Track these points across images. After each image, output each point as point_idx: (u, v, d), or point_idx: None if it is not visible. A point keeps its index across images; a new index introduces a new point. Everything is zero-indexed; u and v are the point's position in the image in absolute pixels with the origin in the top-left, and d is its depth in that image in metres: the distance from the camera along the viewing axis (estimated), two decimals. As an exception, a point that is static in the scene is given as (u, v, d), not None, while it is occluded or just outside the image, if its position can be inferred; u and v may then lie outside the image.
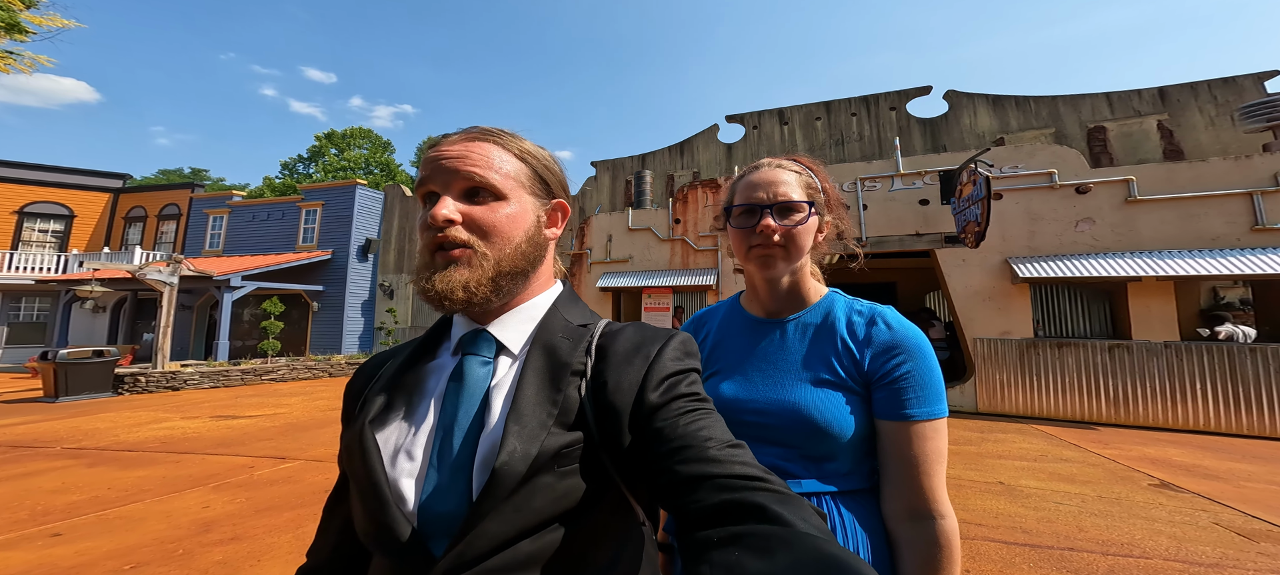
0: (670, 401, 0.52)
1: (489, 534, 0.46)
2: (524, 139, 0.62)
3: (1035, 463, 4.53)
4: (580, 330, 0.60)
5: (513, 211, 0.58)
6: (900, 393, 0.73)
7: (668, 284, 9.26)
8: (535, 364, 0.55)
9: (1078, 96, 11.19)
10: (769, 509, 0.39)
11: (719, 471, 0.44)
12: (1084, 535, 2.95)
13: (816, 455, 0.75)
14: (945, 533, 0.69)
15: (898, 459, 0.72)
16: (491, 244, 0.56)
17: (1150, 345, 6.16)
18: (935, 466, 0.71)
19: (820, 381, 0.77)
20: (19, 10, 5.63)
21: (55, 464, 4.43)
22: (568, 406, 0.52)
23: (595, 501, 0.51)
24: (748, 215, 0.83)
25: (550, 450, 0.49)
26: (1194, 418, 5.88)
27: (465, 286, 0.54)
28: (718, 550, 0.37)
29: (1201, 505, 3.43)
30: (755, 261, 0.83)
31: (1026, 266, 6.84)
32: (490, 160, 0.57)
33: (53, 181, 18.68)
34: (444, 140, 0.59)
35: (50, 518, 3.18)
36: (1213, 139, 10.06)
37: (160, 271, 10.16)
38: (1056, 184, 7.06)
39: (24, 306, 16.86)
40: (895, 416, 0.73)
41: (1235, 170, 6.32)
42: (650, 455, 0.49)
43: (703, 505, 0.42)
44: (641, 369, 0.54)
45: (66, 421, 6.46)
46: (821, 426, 0.73)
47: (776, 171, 0.83)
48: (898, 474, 0.72)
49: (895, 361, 0.75)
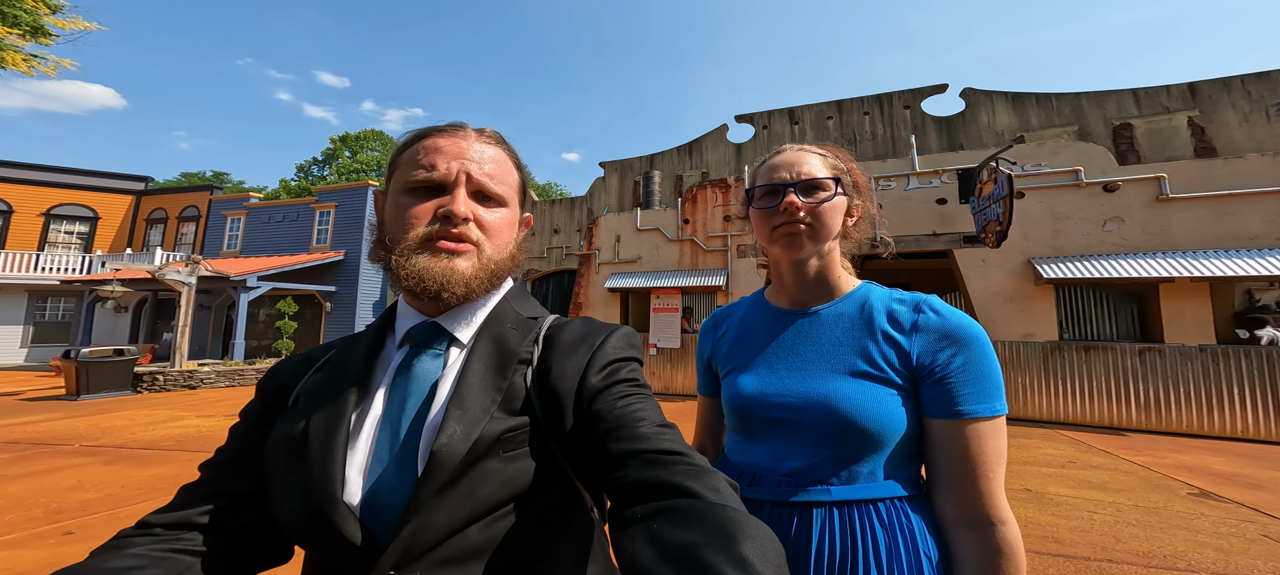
0: (610, 386, 0.54)
1: (437, 523, 0.46)
2: (515, 153, 0.65)
3: (1063, 469, 4.35)
4: (530, 321, 0.61)
5: (509, 218, 0.61)
6: (955, 388, 0.66)
7: (676, 285, 9.16)
8: (481, 352, 0.56)
9: (1102, 93, 10.87)
10: (683, 484, 0.42)
11: (645, 447, 0.46)
12: (1122, 546, 2.79)
13: (852, 457, 0.67)
14: (1008, 540, 0.62)
15: (953, 461, 0.65)
16: (493, 244, 0.59)
17: (1184, 349, 5.91)
18: (995, 468, 0.64)
19: (858, 374, 0.70)
20: (44, 14, 5.74)
21: (72, 462, 4.48)
22: (513, 393, 0.53)
23: (543, 487, 0.52)
24: (771, 195, 0.78)
25: (493, 434, 0.49)
26: (1231, 425, 5.62)
27: (466, 282, 0.55)
28: (639, 525, 0.40)
29: (1247, 516, 3.24)
30: (780, 243, 0.77)
31: (1051, 267, 6.62)
32: (501, 168, 0.60)
33: (78, 184, 19.18)
34: (452, 131, 0.59)
35: (63, 515, 3.19)
36: (1247, 136, 9.68)
37: (179, 272, 10.32)
38: (1082, 182, 6.84)
39: (49, 306, 17.29)
40: (949, 414, 0.65)
41: (1273, 167, 6.06)
42: (588, 436, 0.51)
43: (628, 481, 0.44)
44: (585, 356, 0.56)
45: (86, 419, 6.56)
46: (858, 423, 0.66)
47: (800, 153, 0.78)
48: (952, 477, 0.65)
49: (949, 353, 0.67)
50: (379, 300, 17.51)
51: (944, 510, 0.66)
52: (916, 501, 0.68)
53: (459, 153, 0.57)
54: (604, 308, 10.15)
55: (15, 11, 4.98)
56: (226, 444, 0.57)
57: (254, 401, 0.60)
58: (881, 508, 0.66)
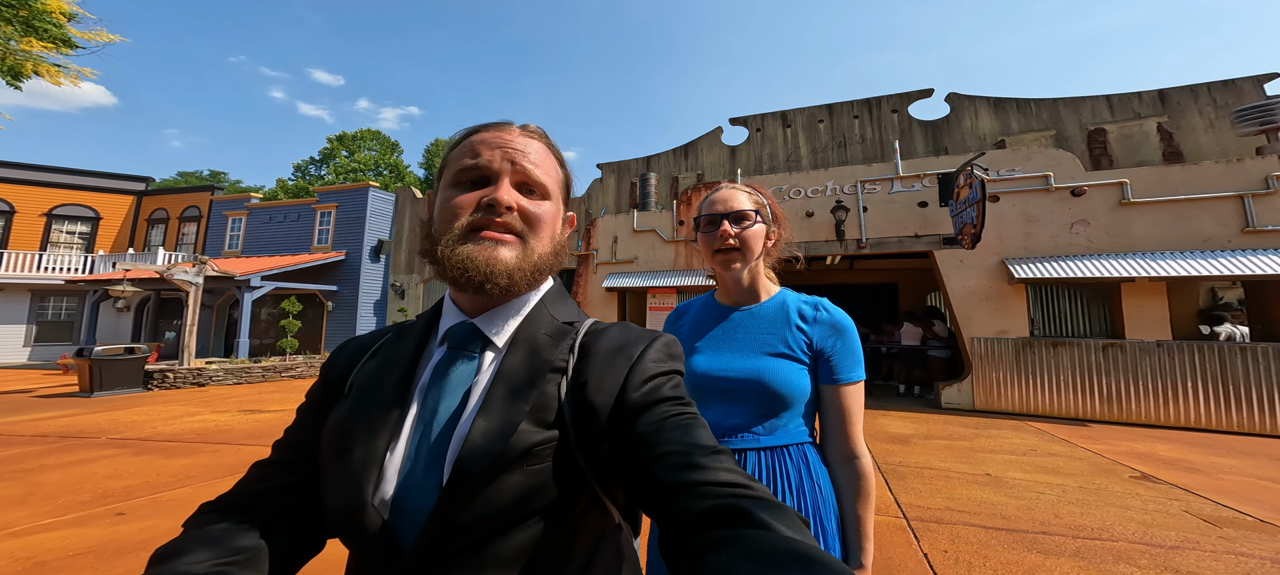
0: (653, 404, 0.52)
1: (460, 530, 0.46)
2: (558, 149, 0.66)
3: (1023, 456, 4.73)
4: (565, 327, 0.60)
5: (553, 212, 0.61)
6: (836, 363, 0.98)
7: (672, 284, 9.51)
8: (515, 359, 0.55)
9: (1078, 99, 11.28)
10: (755, 515, 0.39)
11: (705, 479, 0.44)
12: (1059, 521, 3.17)
13: (773, 414, 0.97)
14: (865, 469, 0.95)
15: (834, 413, 0.97)
16: (538, 238, 0.58)
17: (1142, 344, 6.32)
18: (856, 418, 0.97)
19: (778, 354, 0.99)
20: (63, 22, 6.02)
21: (104, 452, 4.79)
22: (545, 403, 0.52)
23: (568, 501, 0.51)
24: (712, 225, 1.05)
25: (520, 447, 0.49)
26: (1184, 415, 6.04)
27: (510, 272, 0.55)
28: (708, 555, 0.38)
29: (1175, 495, 3.63)
30: (718, 262, 1.05)
31: (1022, 267, 7.01)
32: (545, 161, 0.60)
33: (80, 184, 19.32)
34: (499, 126, 0.60)
35: (111, 499, 3.51)
36: (1213, 141, 10.12)
37: (187, 272, 10.59)
38: (1052, 187, 7.22)
39: (51, 305, 17.47)
40: (832, 381, 0.98)
41: (1227, 173, 6.46)
42: (634, 460, 0.49)
43: (690, 512, 0.42)
44: (624, 369, 0.54)
45: (106, 414, 6.85)
46: (778, 390, 0.95)
47: (733, 192, 1.06)
48: (834, 425, 0.97)
49: (834, 339, 0.99)
50: (380, 300, 17.79)
51: (829, 450, 0.98)
52: (813, 446, 0.99)
53: (503, 143, 0.58)
54: (602, 307, 10.49)
55: (45, 26, 5.29)
56: (293, 424, 0.60)
57: (318, 384, 0.62)
58: (793, 451, 0.96)
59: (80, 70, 6.12)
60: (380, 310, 17.73)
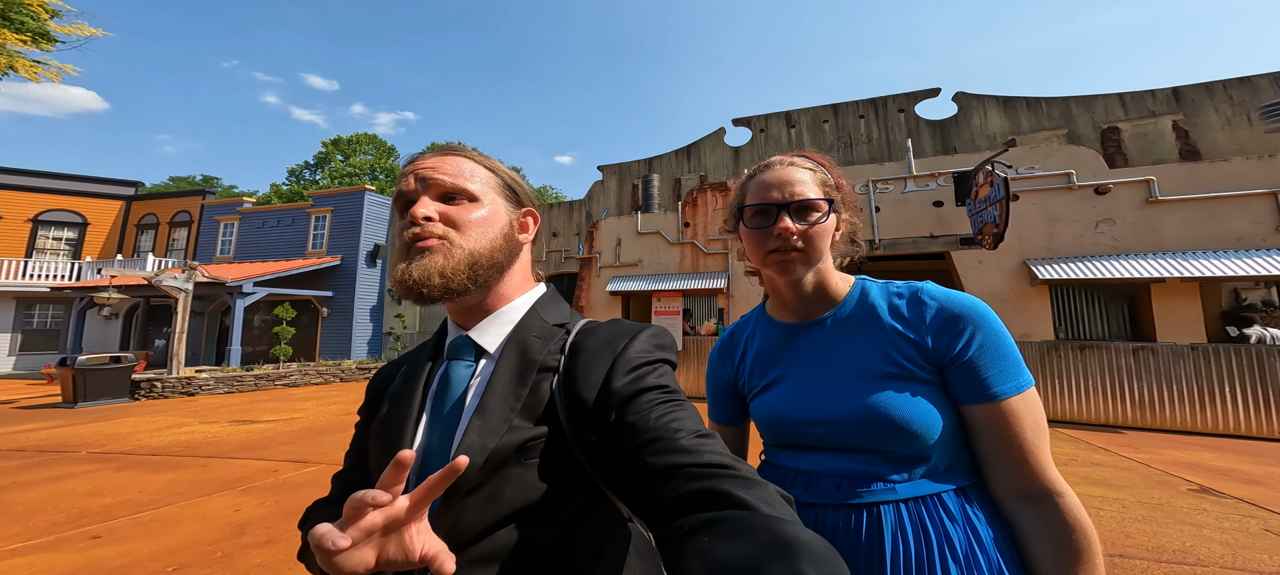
0: (639, 393, 0.53)
1: (467, 524, 0.50)
2: (490, 158, 0.68)
3: (1065, 467, 4.47)
4: (555, 329, 0.63)
5: (485, 213, 0.63)
6: (978, 372, 0.66)
7: (677, 287, 9.25)
8: (506, 362, 0.58)
9: (1090, 97, 11.15)
10: (734, 495, 0.40)
11: (689, 461, 0.44)
12: (1131, 542, 2.90)
13: (905, 455, 0.68)
14: (1071, 510, 0.62)
15: (996, 442, 0.65)
16: (466, 237, 0.60)
17: (1176, 347, 6.08)
18: (1038, 442, 0.64)
19: (884, 376, 0.70)
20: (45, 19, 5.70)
21: (84, 467, 4.44)
22: (536, 401, 0.55)
23: (566, 494, 0.53)
24: (762, 216, 0.76)
25: (512, 443, 0.52)
26: (1223, 422, 5.80)
27: (441, 272, 0.57)
28: (690, 538, 0.38)
29: (1248, 512, 3.37)
30: (774, 266, 0.76)
31: (1046, 268, 6.79)
32: (462, 169, 0.63)
33: (66, 189, 18.88)
34: (418, 155, 0.65)
35: (87, 520, 3.18)
36: (1229, 139, 9.99)
37: (176, 278, 10.22)
38: (1074, 185, 7.02)
39: (37, 313, 16.99)
40: (981, 399, 0.65)
41: (1258, 170, 6.27)
42: (623, 449, 0.50)
43: (675, 495, 0.43)
44: (608, 361, 0.56)
45: (88, 426, 6.48)
46: (901, 425, 0.66)
47: (791, 170, 0.76)
48: (999, 457, 0.65)
49: (962, 338, 0.68)
50: (376, 305, 17.41)
51: (998, 489, 0.66)
52: (977, 487, 0.68)
53: (416, 167, 0.62)
54: (605, 311, 10.20)
55: (22, 18, 4.96)
56: (354, 437, 0.69)
57: (366, 401, 0.70)
58: (947, 499, 0.66)
59: (61, 66, 5.79)
60: (376, 316, 17.35)
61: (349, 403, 8.65)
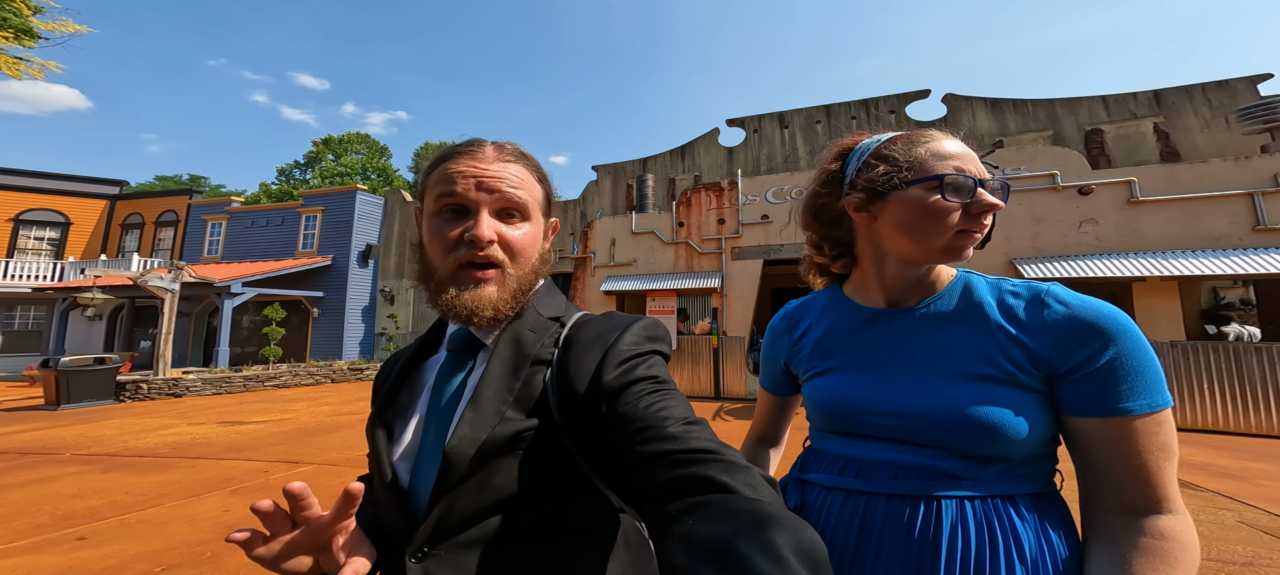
0: (629, 385, 0.53)
1: (459, 510, 0.51)
2: (537, 161, 0.66)
3: (1050, 460, 4.56)
4: (550, 322, 0.63)
5: (533, 232, 0.63)
6: (1102, 386, 0.58)
7: (672, 287, 9.28)
8: (501, 355, 0.59)
9: (1075, 99, 11.36)
10: (718, 479, 0.41)
11: (676, 448, 0.45)
12: (1110, 530, 2.97)
13: (981, 457, 0.62)
14: (1186, 533, 0.54)
15: (1113, 458, 0.57)
16: (517, 264, 0.60)
17: (1157, 345, 6.22)
18: (1164, 463, 0.56)
19: (981, 377, 0.63)
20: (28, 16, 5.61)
21: (68, 470, 4.38)
22: (529, 393, 0.56)
23: (556, 484, 0.54)
24: (957, 192, 0.65)
25: (504, 434, 0.53)
26: (1202, 417, 5.94)
27: (495, 306, 0.58)
28: (675, 522, 0.39)
29: (1223, 504, 3.47)
30: (959, 244, 0.66)
31: (1031, 267, 6.91)
32: (524, 182, 0.61)
33: (48, 188, 18.54)
34: (472, 152, 0.60)
35: (72, 522, 3.14)
36: (1209, 141, 10.23)
37: (162, 278, 10.09)
38: (1059, 185, 7.15)
39: (19, 315, 16.66)
40: (1101, 413, 0.58)
41: (1236, 171, 6.43)
42: (613, 439, 0.51)
43: (662, 481, 0.44)
44: (599, 353, 0.56)
45: (72, 428, 6.38)
46: (990, 430, 0.60)
47: (969, 149, 0.69)
48: (1114, 472, 0.57)
49: (1091, 348, 0.59)
50: (368, 305, 17.28)
51: (1104, 501, 0.59)
52: (1054, 496, 0.64)
53: (478, 173, 0.58)
54: (599, 310, 10.20)
55: (4, 14, 4.87)
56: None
57: (372, 398, 0.70)
58: (1021, 503, 0.61)
59: (44, 63, 5.69)
60: (369, 316, 17.22)
61: (340, 403, 8.59)
